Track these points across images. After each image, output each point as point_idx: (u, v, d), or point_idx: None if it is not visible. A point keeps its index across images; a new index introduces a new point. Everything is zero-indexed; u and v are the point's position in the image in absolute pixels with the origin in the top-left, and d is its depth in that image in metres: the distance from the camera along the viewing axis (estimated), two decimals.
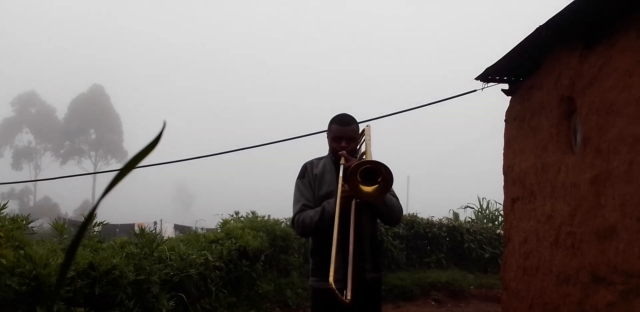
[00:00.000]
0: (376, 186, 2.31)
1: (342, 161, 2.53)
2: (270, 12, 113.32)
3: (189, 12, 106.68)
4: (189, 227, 17.15)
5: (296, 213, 2.59)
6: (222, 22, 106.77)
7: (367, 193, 2.31)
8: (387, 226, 7.62)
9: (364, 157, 2.52)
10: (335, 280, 2.42)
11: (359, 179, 2.29)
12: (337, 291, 2.13)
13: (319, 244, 2.55)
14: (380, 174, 2.27)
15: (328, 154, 2.74)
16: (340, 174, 2.46)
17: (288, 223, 6.59)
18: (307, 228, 2.53)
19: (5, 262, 2.41)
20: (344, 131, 2.63)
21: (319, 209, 2.53)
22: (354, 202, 2.44)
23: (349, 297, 2.19)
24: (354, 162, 2.40)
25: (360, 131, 2.73)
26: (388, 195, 2.52)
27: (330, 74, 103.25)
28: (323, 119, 2.74)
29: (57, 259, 2.64)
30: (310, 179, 2.67)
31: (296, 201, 2.64)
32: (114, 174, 0.56)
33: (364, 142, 2.67)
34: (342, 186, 2.41)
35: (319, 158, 2.77)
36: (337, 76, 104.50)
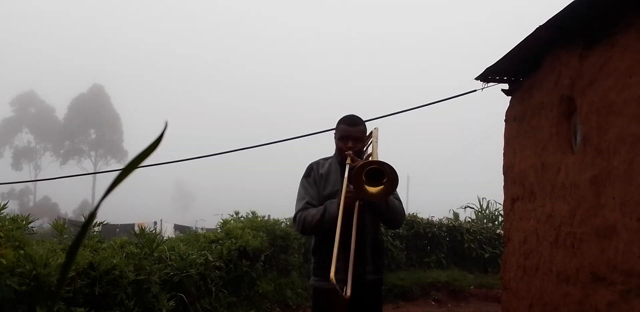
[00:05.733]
0: (381, 186, 2.29)
1: (348, 160, 2.52)
2: (265, 24, 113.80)
3: (188, 16, 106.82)
4: (189, 227, 17.16)
5: (298, 210, 2.58)
6: (220, 26, 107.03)
7: (372, 194, 2.30)
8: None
9: (369, 158, 2.52)
10: (336, 280, 2.41)
11: (364, 180, 2.28)
12: (337, 287, 2.13)
13: (321, 243, 2.55)
14: (386, 174, 2.26)
15: (334, 154, 2.73)
16: (346, 175, 2.45)
17: (288, 223, 6.58)
18: (307, 226, 2.52)
19: (5, 262, 2.41)
20: (352, 131, 2.63)
21: (321, 208, 2.52)
22: (357, 203, 2.43)
23: (348, 294, 2.19)
24: (359, 162, 2.40)
25: (367, 133, 2.73)
26: (391, 197, 2.51)
27: (327, 84, 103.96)
28: (319, 127, 2.75)
29: (57, 259, 2.63)
30: (316, 178, 2.67)
31: (300, 198, 2.63)
32: (114, 174, 0.56)
33: (371, 144, 2.67)
34: (347, 186, 2.41)
35: (325, 158, 2.77)
36: (331, 85, 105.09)
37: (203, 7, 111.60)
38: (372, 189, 2.29)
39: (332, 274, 2.15)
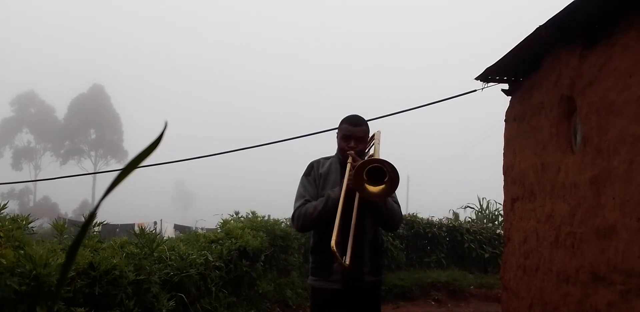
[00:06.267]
0: (382, 186, 2.28)
1: (350, 160, 2.52)
2: (265, 24, 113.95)
3: (188, 16, 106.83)
4: (189, 227, 17.16)
5: (297, 207, 2.57)
6: (220, 26, 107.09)
7: (373, 193, 2.29)
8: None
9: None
10: (331, 281, 2.43)
11: (365, 179, 2.27)
12: (337, 254, 2.17)
13: (320, 242, 2.55)
14: (387, 173, 2.25)
15: (335, 154, 2.73)
16: (348, 166, 2.46)
17: (288, 223, 6.58)
18: (309, 218, 2.50)
19: (5, 262, 2.41)
20: (354, 131, 2.63)
21: (322, 198, 2.52)
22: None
23: (347, 262, 2.22)
24: (360, 161, 2.40)
25: (370, 135, 2.73)
26: (389, 200, 2.51)
27: (327, 84, 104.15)
28: (319, 127, 2.77)
29: (57, 259, 2.63)
30: (316, 177, 2.66)
31: (299, 196, 2.62)
32: (114, 174, 0.56)
33: (373, 146, 2.67)
34: (349, 170, 2.41)
35: (326, 158, 2.76)
36: (331, 85, 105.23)
37: (203, 7, 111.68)
38: (373, 188, 2.28)
39: (333, 242, 2.18)
